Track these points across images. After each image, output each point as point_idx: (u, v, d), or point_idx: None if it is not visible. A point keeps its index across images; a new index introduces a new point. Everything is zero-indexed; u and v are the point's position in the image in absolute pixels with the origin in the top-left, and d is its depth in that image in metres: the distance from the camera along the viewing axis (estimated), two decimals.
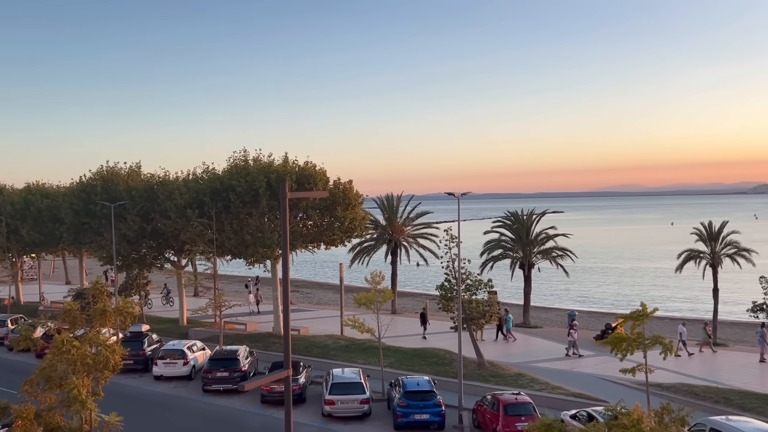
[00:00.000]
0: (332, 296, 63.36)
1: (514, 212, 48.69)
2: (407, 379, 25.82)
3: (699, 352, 35.95)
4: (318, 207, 39.49)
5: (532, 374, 30.53)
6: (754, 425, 19.25)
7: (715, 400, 25.98)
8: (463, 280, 30.22)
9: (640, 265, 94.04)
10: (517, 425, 20.93)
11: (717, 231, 41.60)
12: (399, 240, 51.50)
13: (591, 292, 71.33)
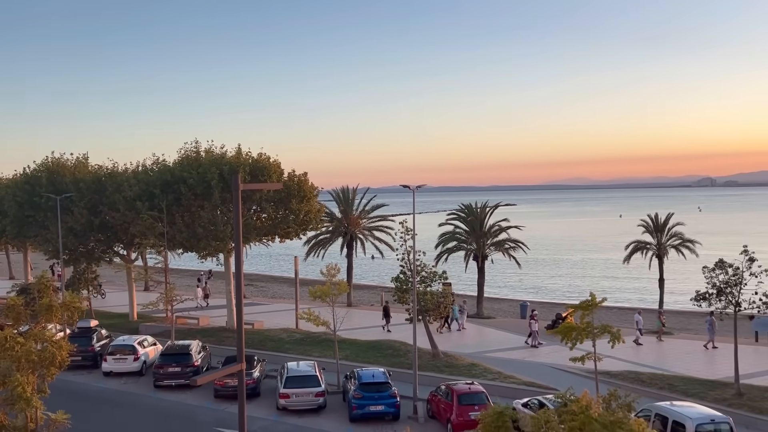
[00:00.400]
0: (287, 289, 62.99)
1: (469, 205, 49.24)
2: (363, 371, 25.88)
3: (658, 340, 36.95)
4: (272, 199, 39.10)
5: (485, 364, 30.98)
6: (696, 410, 19.95)
7: (660, 387, 26.85)
8: (418, 272, 30.41)
9: (590, 257, 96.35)
10: (471, 414, 21.21)
11: (663, 223, 42.93)
12: (355, 233, 51.47)
13: (543, 283, 72.77)
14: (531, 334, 36.28)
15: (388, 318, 40.53)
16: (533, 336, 36.16)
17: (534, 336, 36.11)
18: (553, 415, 13.08)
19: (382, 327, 40.12)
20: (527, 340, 36.40)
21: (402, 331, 37.31)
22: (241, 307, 13.23)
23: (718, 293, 25.32)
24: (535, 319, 36.87)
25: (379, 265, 76.98)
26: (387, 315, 40.63)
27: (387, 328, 39.85)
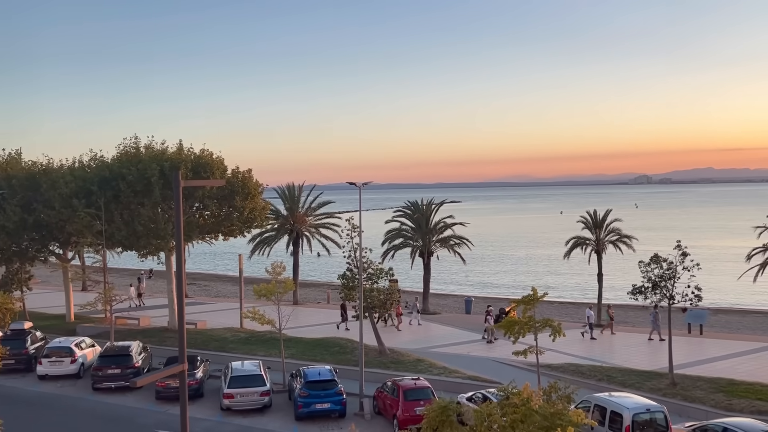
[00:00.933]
0: (231, 288, 62.13)
1: (415, 202, 49.59)
2: (308, 370, 25.77)
3: (611, 334, 37.89)
4: (215, 196, 38.41)
5: (431, 360, 31.28)
6: (633, 400, 20.66)
7: (599, 378, 27.66)
8: (364, 269, 30.44)
9: (534, 252, 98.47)
10: (416, 409, 21.37)
11: (601, 219, 44.15)
12: (301, 230, 51.14)
13: (489, 279, 74.00)
14: (486, 330, 36.75)
15: (345, 316, 40.32)
16: (489, 331, 36.62)
17: (490, 331, 36.57)
18: (495, 408, 13.32)
19: (337, 325, 39.93)
20: (484, 336, 36.84)
21: (352, 327, 37.29)
22: (182, 307, 12.97)
23: (653, 287, 26.22)
24: (491, 314, 37.32)
25: (325, 263, 76.73)
26: (345, 312, 40.44)
27: (346, 326, 39.63)
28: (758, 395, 24.39)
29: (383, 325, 39.94)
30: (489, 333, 36.66)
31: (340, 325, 39.86)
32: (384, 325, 39.78)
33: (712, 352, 33.36)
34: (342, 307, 40.57)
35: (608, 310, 39.18)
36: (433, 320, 43.80)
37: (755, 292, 50.85)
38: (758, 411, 22.63)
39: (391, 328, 39.85)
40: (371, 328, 32.02)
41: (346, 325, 39.66)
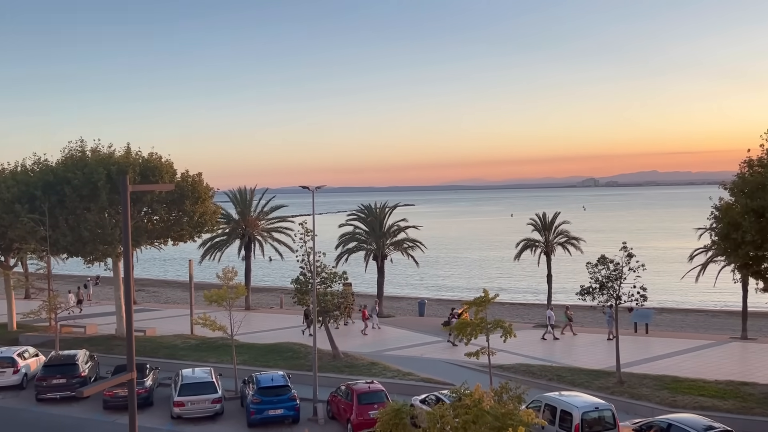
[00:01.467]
0: (182, 294, 61.03)
1: (368, 205, 49.64)
2: (261, 376, 25.49)
3: (561, 334, 38.55)
4: (164, 201, 37.64)
5: (385, 363, 31.34)
6: (582, 398, 21.12)
7: (549, 378, 28.19)
8: (318, 273, 30.30)
9: (486, 254, 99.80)
10: (370, 413, 21.37)
11: (550, 222, 45.07)
12: (253, 234, 50.57)
13: (443, 281, 74.63)
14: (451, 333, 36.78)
15: (308, 321, 39.93)
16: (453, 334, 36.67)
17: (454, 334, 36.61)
18: (448, 410, 13.44)
19: (302, 331, 39.53)
20: (449, 339, 36.89)
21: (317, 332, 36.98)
22: (130, 314, 12.69)
23: (600, 287, 26.86)
24: (455, 317, 37.43)
25: (278, 267, 76.08)
26: (308, 318, 40.05)
27: (310, 332, 39.22)
28: (701, 391, 25.25)
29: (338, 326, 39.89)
30: (453, 335, 36.66)
31: (305, 330, 39.43)
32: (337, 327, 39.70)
33: (658, 350, 34.38)
34: (305, 313, 40.32)
35: (566, 311, 39.77)
36: (387, 323, 43.88)
37: (698, 291, 52.61)
38: (701, 407, 23.41)
39: (349, 329, 39.75)
40: (327, 332, 31.88)
41: (310, 331, 39.23)
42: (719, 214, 25.19)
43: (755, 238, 23.19)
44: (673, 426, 19.31)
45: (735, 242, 24.16)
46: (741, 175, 24.93)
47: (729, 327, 41.94)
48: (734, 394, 24.84)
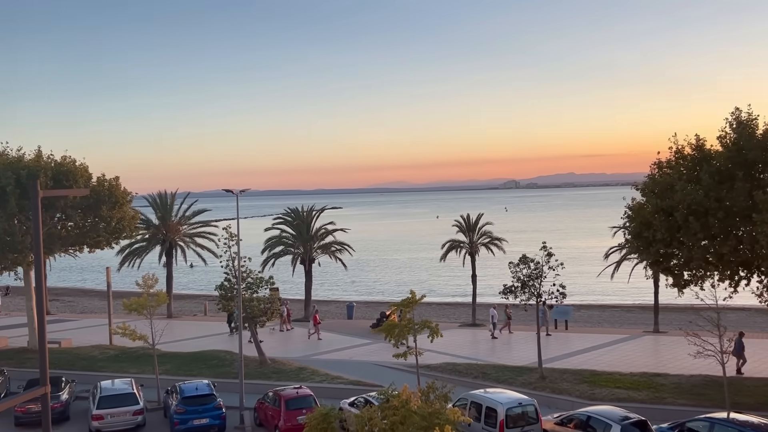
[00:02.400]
0: (99, 303, 58.60)
1: (295, 209, 49.19)
2: (185, 385, 24.84)
3: (499, 332, 39.12)
4: (79, 206, 36.04)
5: (313, 367, 31.15)
6: (506, 395, 21.66)
7: (475, 376, 28.76)
8: (243, 278, 29.79)
9: (415, 256, 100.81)
10: (299, 419, 21.19)
11: (474, 223, 46.01)
12: (174, 240, 49.17)
13: (374, 284, 74.87)
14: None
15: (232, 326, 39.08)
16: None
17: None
18: (376, 412, 13.49)
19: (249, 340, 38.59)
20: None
21: (232, 339, 36.30)
22: (43, 325, 12.09)
23: (522, 286, 27.66)
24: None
25: (203, 273, 74.30)
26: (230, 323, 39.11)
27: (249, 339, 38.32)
28: (617, 384, 26.40)
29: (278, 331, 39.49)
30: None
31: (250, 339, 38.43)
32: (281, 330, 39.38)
33: (577, 345, 35.69)
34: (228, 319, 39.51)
35: (506, 310, 40.36)
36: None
37: (613, 288, 54.94)
38: (617, 398, 24.47)
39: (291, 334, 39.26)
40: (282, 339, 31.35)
41: (250, 338, 38.40)
42: (632, 214, 26.40)
43: (665, 237, 24.43)
44: (591, 418, 20.10)
45: (646, 240, 25.37)
46: (651, 177, 26.23)
47: (642, 321, 44.00)
48: (647, 385, 26.09)
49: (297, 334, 41.14)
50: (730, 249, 23.27)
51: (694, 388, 25.50)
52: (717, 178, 23.58)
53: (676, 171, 25.26)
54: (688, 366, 27.82)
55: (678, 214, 23.72)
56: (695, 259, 24.19)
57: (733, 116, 24.49)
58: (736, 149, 23.82)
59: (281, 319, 42.28)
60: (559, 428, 20.88)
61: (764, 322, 39.42)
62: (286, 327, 42.34)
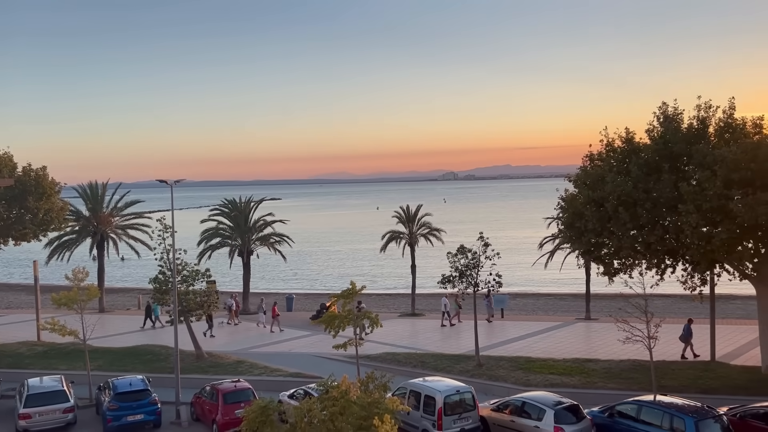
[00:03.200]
0: (26, 298, 56.23)
1: (232, 200, 48.37)
2: (118, 381, 24.17)
3: (450, 322, 39.38)
4: (4, 197, 34.52)
5: (251, 360, 30.81)
6: (444, 383, 21.98)
7: (414, 365, 29.07)
8: (179, 271, 29.14)
9: (356, 247, 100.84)
10: (237, 412, 20.93)
11: (413, 214, 46.39)
12: (106, 232, 47.59)
13: (317, 275, 74.53)
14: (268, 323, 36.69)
15: (211, 322, 38.04)
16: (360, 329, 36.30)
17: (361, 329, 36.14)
18: (315, 403, 13.46)
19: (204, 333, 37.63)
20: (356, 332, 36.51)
21: (219, 333, 35.47)
22: None
23: (459, 276, 28.08)
24: (325, 310, 37.12)
25: (137, 266, 72.27)
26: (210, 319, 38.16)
27: (211, 333, 37.43)
28: (551, 370, 27.19)
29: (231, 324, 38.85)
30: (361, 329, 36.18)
31: (206, 332, 37.56)
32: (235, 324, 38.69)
33: (513, 333, 36.55)
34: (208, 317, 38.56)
35: (456, 300, 40.58)
36: (254, 320, 43.15)
37: (547, 276, 56.42)
38: (551, 384, 25.21)
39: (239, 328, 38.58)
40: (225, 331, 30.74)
41: (211, 332, 37.57)
42: (565, 205, 27.17)
43: (596, 227, 25.27)
44: (526, 404, 20.65)
45: (578, 230, 26.18)
46: (583, 169, 27.04)
47: (574, 309, 45.41)
48: (580, 371, 26.99)
49: (243, 328, 40.51)
50: (657, 238, 24.25)
51: (623, 372, 26.53)
52: (645, 170, 24.51)
53: (606, 163, 26.13)
54: (617, 351, 28.89)
55: (608, 204, 24.56)
56: (624, 248, 25.11)
57: (660, 110, 25.51)
58: (663, 142, 24.82)
59: (230, 313, 41.65)
60: (496, 414, 21.37)
61: (688, 308, 41.26)
62: (234, 321, 41.68)
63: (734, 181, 22.57)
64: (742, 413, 19.51)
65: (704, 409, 18.93)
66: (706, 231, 23.39)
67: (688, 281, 25.94)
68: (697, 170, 23.68)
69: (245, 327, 40.85)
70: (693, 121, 25.18)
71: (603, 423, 20.13)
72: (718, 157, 22.94)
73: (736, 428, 18.68)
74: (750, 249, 24.88)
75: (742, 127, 24.60)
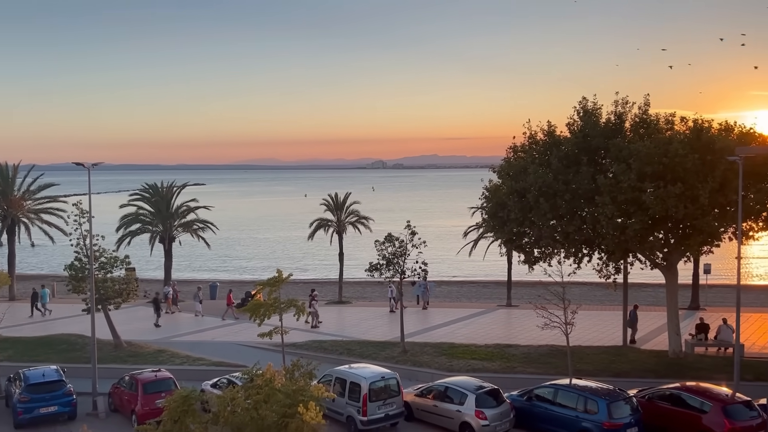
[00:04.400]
0: None
1: (154, 184, 46.86)
2: (30, 372, 23.16)
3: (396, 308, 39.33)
4: None
5: (173, 349, 30.14)
6: (369, 369, 22.19)
7: (340, 352, 29.17)
8: (96, 257, 28.06)
9: (283, 234, 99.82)
10: (157, 402, 20.43)
11: (342, 202, 46.35)
12: (17, 216, 45.20)
13: (244, 263, 73.33)
14: (313, 315, 35.76)
15: (159, 312, 36.74)
16: (314, 316, 35.73)
17: (314, 316, 35.63)
18: (239, 392, 13.33)
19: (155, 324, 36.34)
20: (311, 323, 35.69)
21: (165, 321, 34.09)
22: None
23: (387, 264, 28.35)
24: (316, 299, 36.46)
25: (55, 252, 69.04)
26: (158, 308, 36.73)
27: (157, 322, 36.01)
28: (473, 355, 27.90)
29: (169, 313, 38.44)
30: (313, 317, 35.67)
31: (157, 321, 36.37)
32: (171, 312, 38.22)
33: (437, 319, 37.22)
34: (154, 302, 37.24)
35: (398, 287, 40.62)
36: (182, 308, 42.14)
37: (471, 264, 57.64)
38: (473, 369, 25.87)
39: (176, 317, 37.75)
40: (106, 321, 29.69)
41: (157, 321, 36.23)
42: (489, 195, 27.83)
43: (518, 216, 26.02)
44: (449, 389, 21.14)
45: (501, 220, 26.90)
46: (507, 160, 27.76)
47: (496, 296, 46.65)
48: (500, 356, 27.82)
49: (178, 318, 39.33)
50: (575, 228, 25.22)
51: (541, 357, 27.53)
52: (565, 163, 25.40)
53: (529, 155, 26.91)
54: (536, 337, 29.95)
55: (530, 195, 25.33)
56: (544, 238, 26.00)
57: (580, 105, 26.44)
58: (582, 136, 25.78)
59: (167, 301, 40.47)
60: (420, 399, 21.78)
61: (603, 295, 43.15)
62: (170, 310, 40.49)
63: (647, 175, 23.72)
64: (650, 395, 20.65)
65: (616, 391, 19.91)
66: (621, 222, 24.50)
67: (603, 270, 27.12)
68: (614, 163, 24.74)
69: (180, 317, 39.64)
70: (611, 116, 26.25)
71: (522, 406, 20.86)
72: (633, 151, 24.03)
73: (644, 409, 19.76)
74: (660, 239, 26.30)
75: (655, 122, 25.85)
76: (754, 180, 24.30)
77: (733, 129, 26.08)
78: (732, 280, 27.15)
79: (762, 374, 23.74)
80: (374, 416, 20.48)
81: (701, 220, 24.06)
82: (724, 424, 18.33)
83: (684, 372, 24.58)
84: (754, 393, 20.46)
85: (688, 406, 19.35)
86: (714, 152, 23.89)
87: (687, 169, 23.53)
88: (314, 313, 35.66)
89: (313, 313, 35.46)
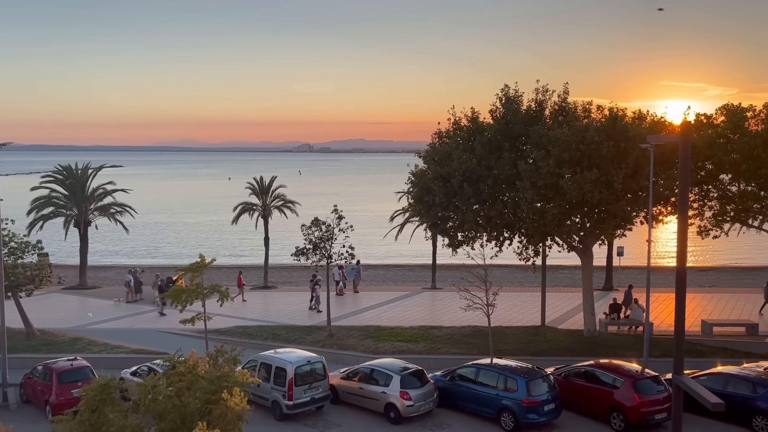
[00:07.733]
0: None
1: (68, 166, 44.81)
2: None
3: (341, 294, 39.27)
4: None
5: (89, 337, 29.15)
6: (295, 354, 22.17)
7: (265, 338, 28.97)
8: (5, 243, 26.65)
9: (206, 218, 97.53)
10: (73, 392, 19.75)
11: (267, 185, 45.70)
12: None
13: (165, 248, 71.20)
14: (313, 299, 35.34)
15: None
16: (316, 300, 35.21)
17: (317, 300, 35.15)
18: (160, 379, 13.04)
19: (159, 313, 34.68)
20: (311, 305, 35.31)
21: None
22: None
23: (314, 248, 28.25)
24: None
25: None
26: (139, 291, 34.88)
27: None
28: (398, 337, 28.31)
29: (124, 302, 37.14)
30: (315, 301, 35.22)
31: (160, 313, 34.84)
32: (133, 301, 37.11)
33: (364, 303, 37.48)
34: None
35: (341, 270, 40.29)
36: (92, 294, 40.61)
37: (397, 248, 58.22)
38: (399, 351, 26.27)
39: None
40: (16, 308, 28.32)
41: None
42: (415, 180, 28.14)
43: (443, 201, 26.47)
44: (374, 371, 21.41)
45: (427, 204, 27.27)
46: (432, 145, 28.13)
47: (422, 279, 47.38)
48: (425, 338, 28.35)
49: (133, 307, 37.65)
50: (497, 213, 25.89)
51: (464, 338, 28.24)
52: (488, 149, 25.99)
53: (453, 141, 27.37)
54: (459, 318, 30.65)
55: (454, 180, 25.79)
56: (468, 222, 26.57)
57: (502, 92, 27.04)
58: (505, 123, 26.42)
59: (127, 289, 38.72)
60: (345, 382, 21.94)
61: (523, 277, 44.57)
62: (133, 296, 38.77)
63: (565, 161, 24.60)
64: (566, 372, 21.59)
65: (534, 369, 20.71)
66: (540, 206, 25.35)
67: (523, 252, 27.99)
68: (534, 150, 25.51)
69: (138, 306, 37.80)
70: (531, 104, 27.00)
71: (445, 386, 21.38)
72: (552, 137, 24.84)
73: (560, 386, 20.66)
74: (577, 223, 27.39)
75: (573, 110, 26.79)
76: (664, 167, 25.62)
77: (645, 117, 27.38)
78: (643, 261, 28.58)
79: (668, 351, 25.24)
80: (300, 400, 20.52)
81: (615, 205, 25.20)
82: (634, 398, 19.41)
83: (598, 350, 25.80)
84: (662, 368, 21.72)
85: (602, 382, 20.36)
86: (627, 140, 25.02)
87: (602, 156, 24.55)
88: (317, 298, 35.52)
89: (316, 297, 35.52)
